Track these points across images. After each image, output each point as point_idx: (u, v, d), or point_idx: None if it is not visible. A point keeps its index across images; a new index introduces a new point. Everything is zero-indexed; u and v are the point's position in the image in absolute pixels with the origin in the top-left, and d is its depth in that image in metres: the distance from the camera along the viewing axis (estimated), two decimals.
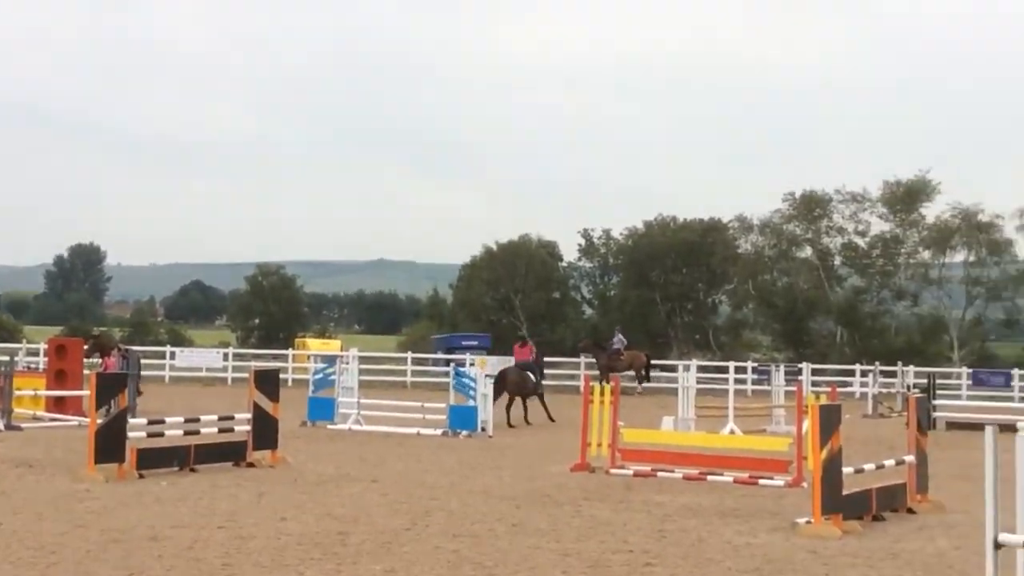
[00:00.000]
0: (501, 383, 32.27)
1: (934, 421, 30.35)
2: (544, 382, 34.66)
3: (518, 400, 33.35)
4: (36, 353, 47.44)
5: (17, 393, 27.70)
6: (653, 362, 53.83)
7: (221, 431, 21.33)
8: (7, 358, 28.89)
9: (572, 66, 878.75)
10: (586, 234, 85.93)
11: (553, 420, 32.70)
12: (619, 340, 52.13)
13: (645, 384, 50.58)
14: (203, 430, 21.17)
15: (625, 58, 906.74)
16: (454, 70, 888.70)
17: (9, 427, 26.35)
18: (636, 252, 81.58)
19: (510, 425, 31.66)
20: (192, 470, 19.46)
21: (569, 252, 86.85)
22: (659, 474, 19.88)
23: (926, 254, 73.62)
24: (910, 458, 16.18)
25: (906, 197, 73.20)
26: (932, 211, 73.46)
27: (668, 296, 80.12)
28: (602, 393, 21.52)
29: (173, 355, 55.73)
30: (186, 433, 20.82)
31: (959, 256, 73.25)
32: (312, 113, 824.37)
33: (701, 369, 47.84)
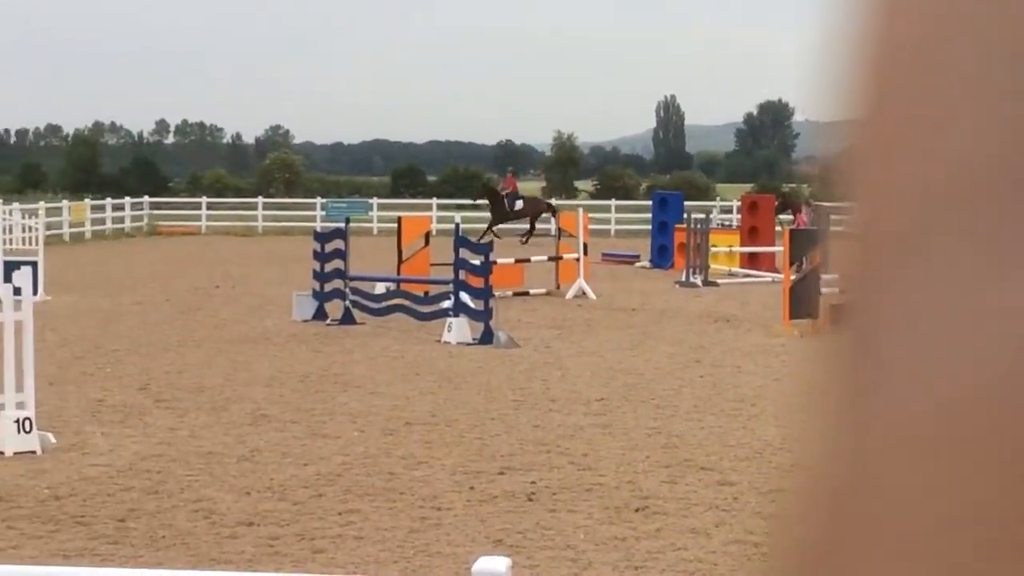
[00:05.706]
0: None
1: None
2: None
3: None
4: (729, 210, 48.69)
5: (713, 250, 28.59)
6: None
7: None
8: (703, 215, 29.81)
9: None
10: None
11: None
12: None
13: None
14: None
15: None
16: None
17: (706, 283, 27.32)
18: None
19: None
20: None
21: None
22: None
23: None
24: None
25: None
26: None
27: None
28: None
29: None
30: None
31: None
32: None
33: None
